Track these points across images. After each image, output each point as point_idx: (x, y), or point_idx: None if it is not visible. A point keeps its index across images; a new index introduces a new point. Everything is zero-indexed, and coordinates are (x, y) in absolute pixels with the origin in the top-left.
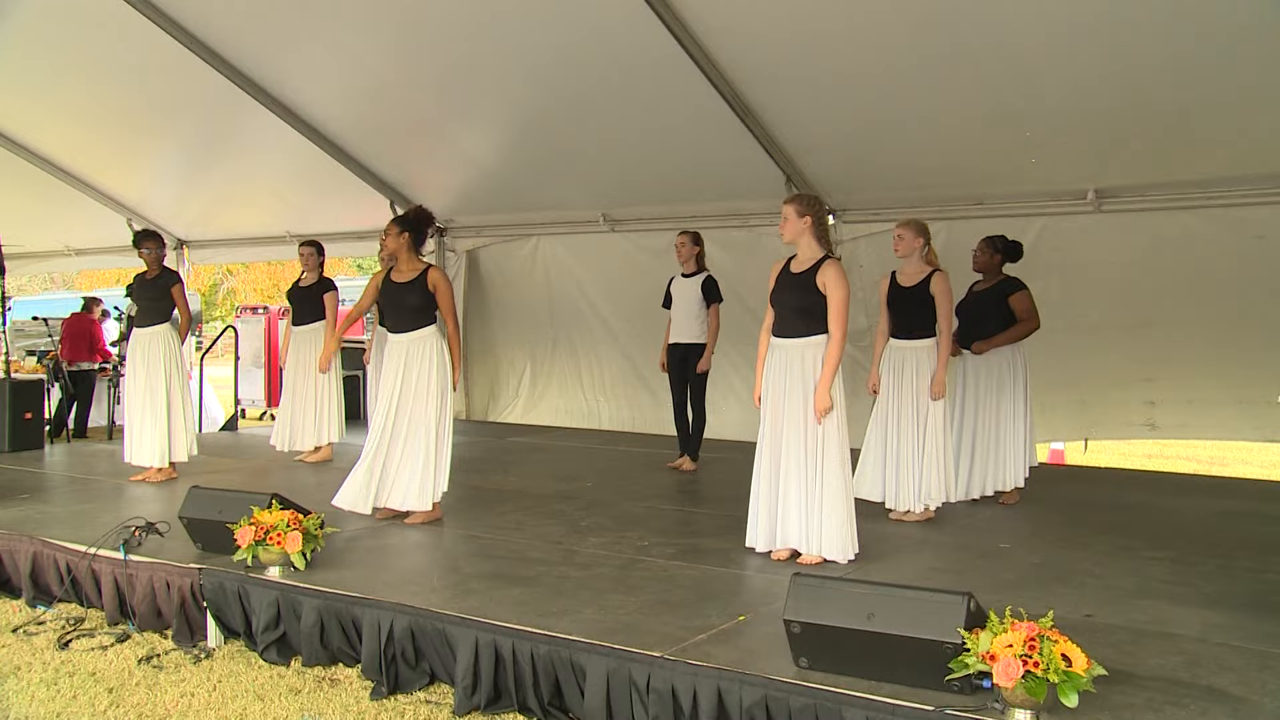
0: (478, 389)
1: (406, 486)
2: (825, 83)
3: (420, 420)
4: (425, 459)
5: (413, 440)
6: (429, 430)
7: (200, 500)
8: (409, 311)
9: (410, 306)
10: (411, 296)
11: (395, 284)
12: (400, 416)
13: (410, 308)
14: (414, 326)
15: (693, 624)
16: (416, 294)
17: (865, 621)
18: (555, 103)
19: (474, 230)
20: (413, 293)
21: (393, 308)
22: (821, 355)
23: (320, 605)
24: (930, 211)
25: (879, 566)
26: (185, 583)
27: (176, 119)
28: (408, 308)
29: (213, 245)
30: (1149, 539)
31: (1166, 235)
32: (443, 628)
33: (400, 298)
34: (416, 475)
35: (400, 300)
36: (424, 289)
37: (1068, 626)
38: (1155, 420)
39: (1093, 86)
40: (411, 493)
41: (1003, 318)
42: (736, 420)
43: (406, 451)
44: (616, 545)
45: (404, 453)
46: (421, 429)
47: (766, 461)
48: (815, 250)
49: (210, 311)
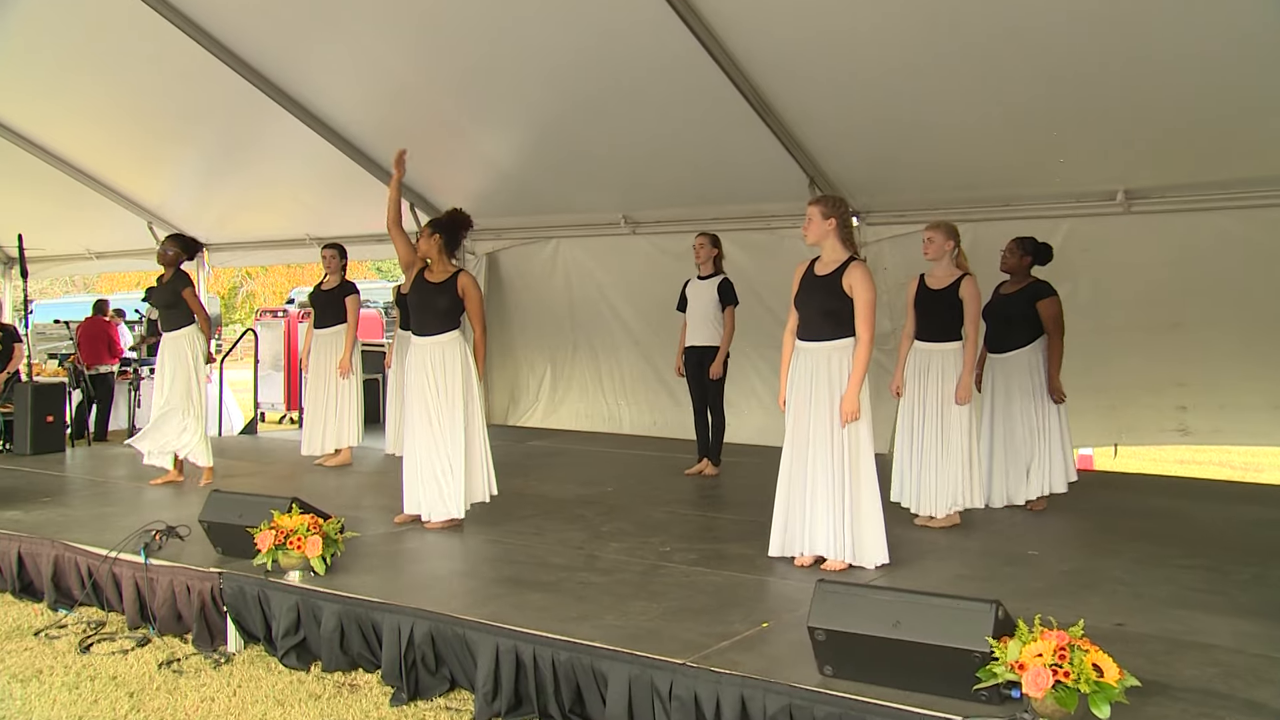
0: (498, 393)
1: (445, 495)
2: (849, 82)
3: (454, 427)
4: (456, 466)
5: (444, 448)
6: (461, 437)
7: (220, 504)
8: (437, 314)
9: (438, 309)
10: (441, 299)
11: (427, 283)
12: (434, 423)
13: (439, 310)
14: (440, 330)
15: (715, 631)
16: (446, 297)
17: (891, 629)
18: (575, 104)
19: (494, 233)
20: (443, 295)
21: (420, 308)
22: (848, 359)
23: (340, 610)
24: (955, 213)
25: (905, 573)
26: (205, 587)
27: (197, 122)
28: (436, 310)
29: (232, 248)
30: (1182, 546)
31: (1199, 236)
32: (463, 633)
33: (430, 299)
34: (451, 483)
35: (429, 301)
36: (453, 292)
37: (1099, 635)
38: (1187, 425)
39: (1122, 84)
40: (447, 500)
41: (1030, 322)
42: (758, 424)
43: (439, 460)
44: (638, 550)
45: (438, 461)
46: (455, 436)
47: (790, 467)
48: (840, 252)
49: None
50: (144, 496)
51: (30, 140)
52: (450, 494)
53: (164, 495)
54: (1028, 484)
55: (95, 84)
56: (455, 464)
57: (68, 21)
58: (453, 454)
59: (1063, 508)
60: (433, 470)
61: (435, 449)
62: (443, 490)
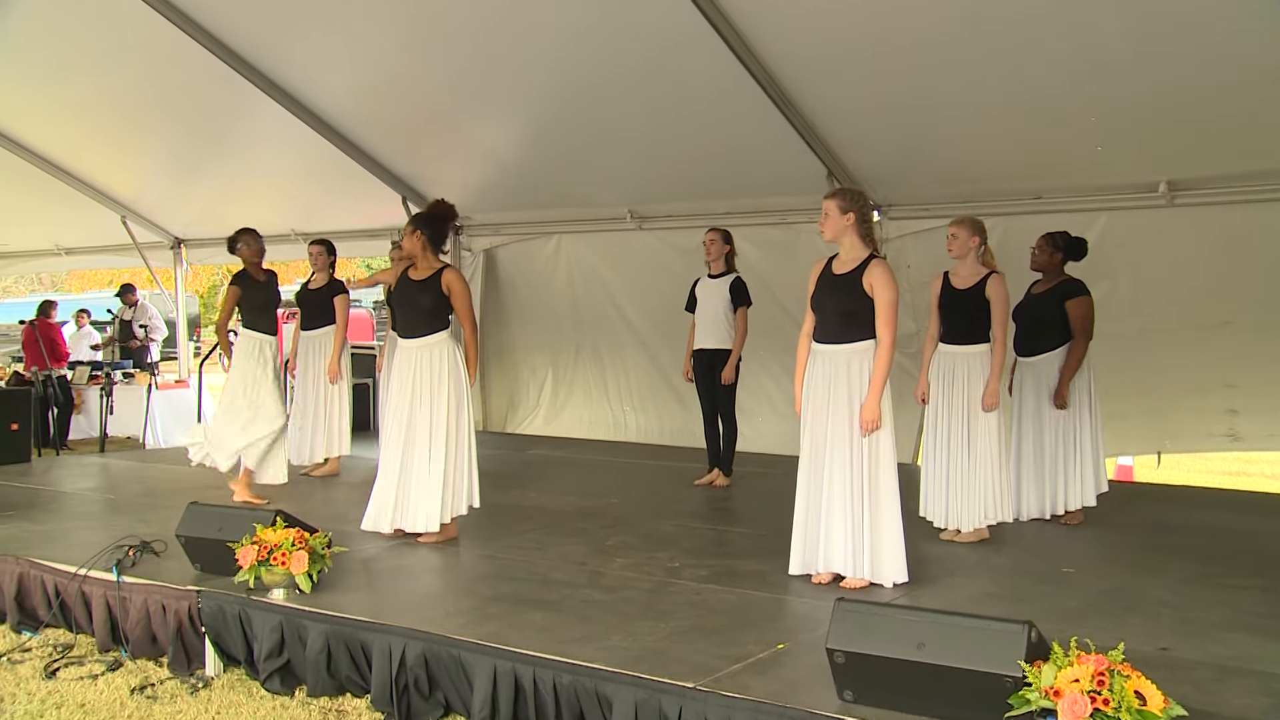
0: (496, 398)
1: (420, 507)
2: (869, 67)
3: (432, 436)
4: (438, 477)
5: (425, 458)
6: (441, 446)
7: (199, 517)
8: (421, 315)
9: (423, 309)
10: (424, 297)
11: (410, 281)
12: (413, 431)
13: (423, 310)
14: (426, 332)
15: (728, 652)
16: (430, 295)
17: (915, 652)
18: (579, 92)
19: (492, 229)
20: (426, 293)
21: (404, 308)
22: (868, 363)
23: (327, 630)
24: (984, 207)
25: (930, 591)
26: (182, 606)
27: (174, 110)
28: (420, 310)
29: (213, 244)
30: (1232, 565)
31: (1249, 230)
32: (458, 654)
33: (413, 298)
34: (431, 495)
35: (413, 301)
36: (437, 290)
37: (1141, 660)
38: (1238, 430)
39: (1166, 66)
40: (423, 513)
41: (1062, 323)
42: (773, 432)
43: (419, 470)
44: (645, 567)
45: (418, 471)
46: (434, 445)
47: (808, 478)
48: (859, 249)
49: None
50: (116, 510)
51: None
52: (428, 505)
53: (137, 509)
54: (1063, 495)
55: (64, 68)
56: (434, 474)
57: (35, 1)
58: (433, 463)
59: (1100, 522)
60: (410, 479)
61: (416, 458)
62: (421, 501)
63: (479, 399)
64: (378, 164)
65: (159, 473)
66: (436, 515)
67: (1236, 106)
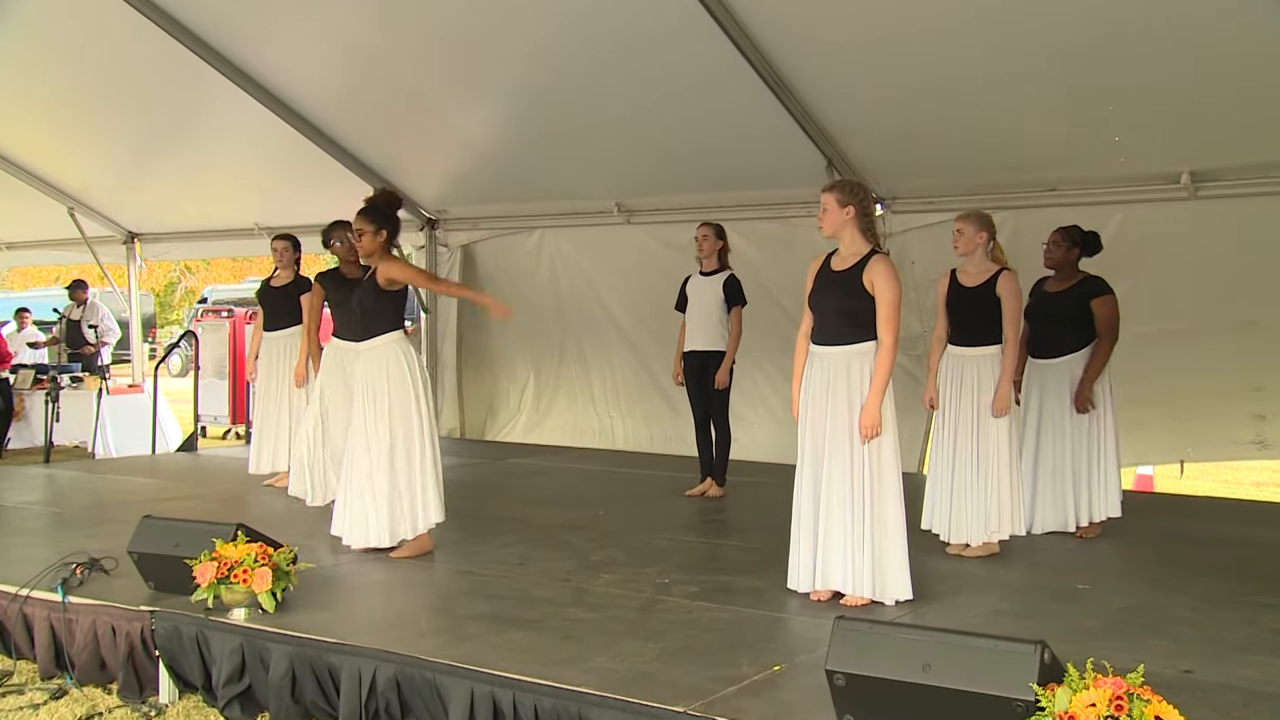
0: (474, 404)
1: (368, 521)
2: (872, 51)
3: (377, 445)
4: (384, 489)
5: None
6: (398, 455)
7: (153, 532)
8: (368, 316)
9: (367, 308)
10: (366, 297)
11: (344, 280)
12: (372, 439)
13: (369, 310)
14: (370, 334)
15: (721, 674)
16: (369, 293)
17: (920, 674)
18: (562, 76)
19: (470, 222)
20: (367, 293)
21: (341, 311)
22: (869, 365)
23: (292, 652)
24: (993, 200)
25: (936, 609)
26: (134, 628)
27: (126, 94)
28: (367, 310)
29: (169, 239)
30: (1260, 582)
31: (1277, 223)
32: (433, 678)
33: (355, 300)
34: (380, 509)
35: (355, 303)
36: (374, 287)
37: (1162, 683)
38: (1265, 437)
39: (1189, 48)
40: (374, 528)
41: (1081, 324)
42: (769, 439)
43: (368, 482)
44: (633, 583)
45: (361, 483)
46: (380, 455)
47: (808, 488)
48: (860, 245)
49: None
50: (63, 524)
51: None
52: (384, 518)
53: (85, 523)
54: (1086, 506)
55: (4, 48)
56: (396, 484)
57: None
58: (396, 472)
59: (1118, 535)
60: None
61: (377, 466)
62: (377, 513)
63: (456, 406)
64: (347, 153)
65: (109, 484)
66: (389, 529)
67: (1265, 91)
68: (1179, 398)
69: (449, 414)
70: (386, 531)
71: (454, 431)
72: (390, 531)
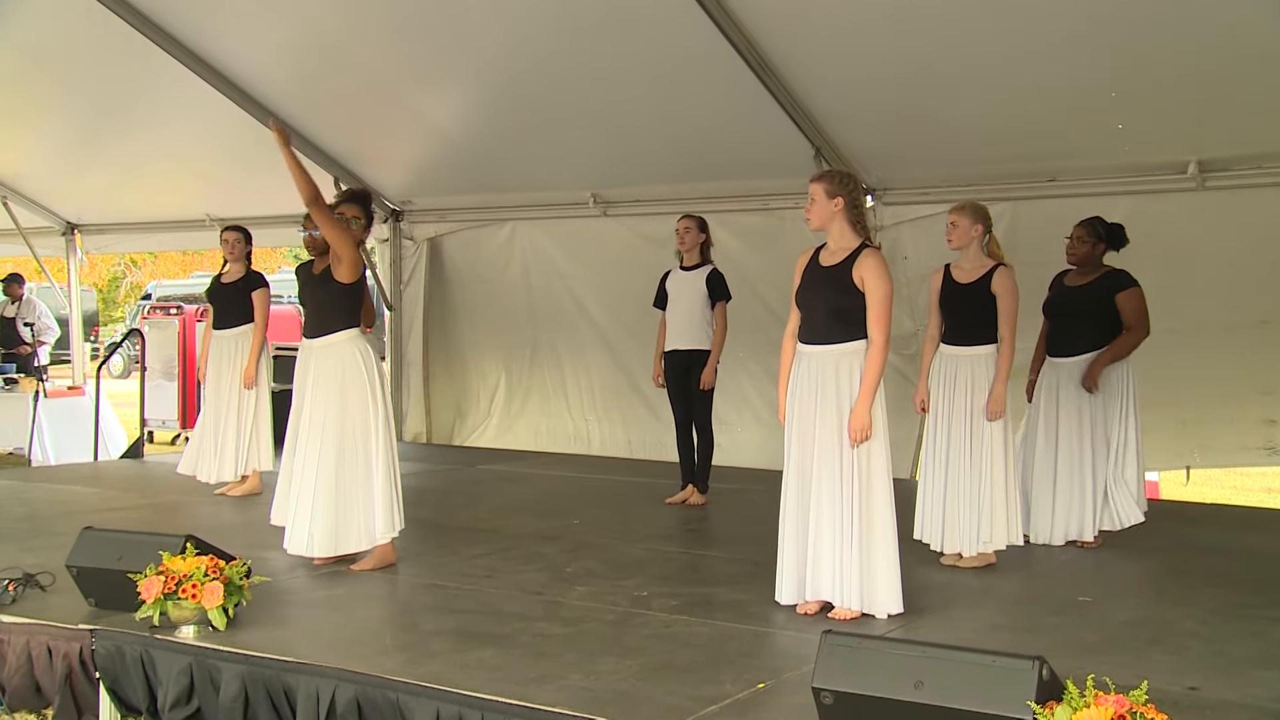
0: (442, 406)
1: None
2: (863, 33)
3: (323, 448)
4: (329, 496)
5: (311, 472)
6: (337, 461)
7: (94, 545)
8: (319, 311)
9: (319, 303)
10: (320, 290)
11: (313, 276)
12: (308, 441)
13: (321, 305)
14: (322, 331)
15: (702, 693)
16: (323, 287)
17: (912, 691)
18: (535, 61)
19: (437, 214)
20: (322, 285)
21: (307, 306)
22: (859, 365)
23: (245, 673)
24: (991, 190)
25: (928, 623)
26: (73, 648)
27: (65, 73)
28: (319, 305)
29: (113, 230)
30: (1271, 594)
31: None
32: (396, 698)
33: (314, 292)
34: (324, 517)
35: (314, 296)
36: (329, 280)
37: (1167, 701)
38: (1276, 443)
39: (1198, 31)
40: (318, 537)
41: (1105, 320)
42: (755, 443)
43: (307, 487)
44: (609, 596)
45: (305, 489)
46: (327, 459)
47: (794, 495)
48: (849, 238)
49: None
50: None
51: None
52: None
53: (19, 535)
54: (1102, 515)
55: None
56: (345, 492)
57: None
58: (346, 479)
59: (1122, 544)
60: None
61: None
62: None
63: (423, 409)
64: (306, 140)
65: (47, 494)
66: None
67: (1277, 75)
68: (1185, 401)
69: (415, 417)
70: (331, 542)
71: (420, 436)
72: (335, 542)
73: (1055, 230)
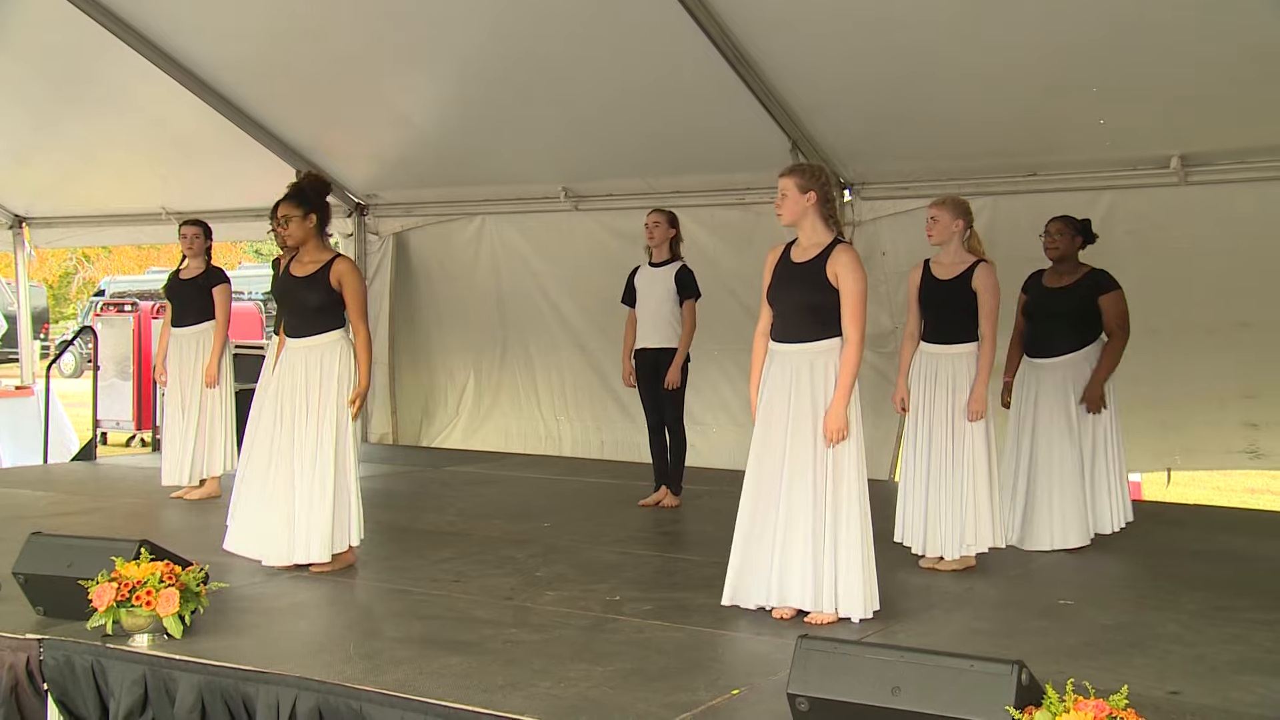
0: (408, 406)
1: (302, 534)
2: (841, 24)
3: (318, 451)
4: (325, 499)
5: (309, 477)
6: (328, 462)
7: (43, 551)
8: (307, 313)
9: (310, 307)
10: (312, 294)
11: (294, 279)
12: (289, 445)
13: (310, 308)
14: (314, 331)
15: (675, 699)
16: (318, 291)
17: (889, 697)
18: (505, 51)
19: (403, 208)
20: (314, 289)
21: (289, 308)
22: (834, 364)
23: (201, 682)
24: (970, 185)
25: (906, 627)
26: (19, 659)
27: (15, 61)
28: (307, 308)
29: (64, 224)
30: (1254, 597)
31: (1272, 212)
32: (360, 707)
33: (299, 295)
34: (318, 520)
35: (299, 299)
36: (327, 286)
37: (1148, 705)
38: (1259, 446)
39: (1182, 22)
40: (314, 542)
41: (1087, 321)
42: (729, 444)
43: (298, 491)
44: (581, 601)
45: (289, 493)
46: (321, 462)
47: (759, 494)
48: (822, 234)
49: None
50: None
51: None
52: (314, 533)
53: None
54: (1091, 519)
55: None
56: (322, 495)
57: None
58: (322, 483)
59: (1104, 547)
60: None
61: (297, 475)
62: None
63: (388, 408)
64: (266, 131)
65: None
66: (329, 542)
67: (1261, 68)
68: (1166, 403)
69: (380, 418)
70: (324, 547)
71: (386, 437)
72: (330, 546)
73: (1036, 226)
